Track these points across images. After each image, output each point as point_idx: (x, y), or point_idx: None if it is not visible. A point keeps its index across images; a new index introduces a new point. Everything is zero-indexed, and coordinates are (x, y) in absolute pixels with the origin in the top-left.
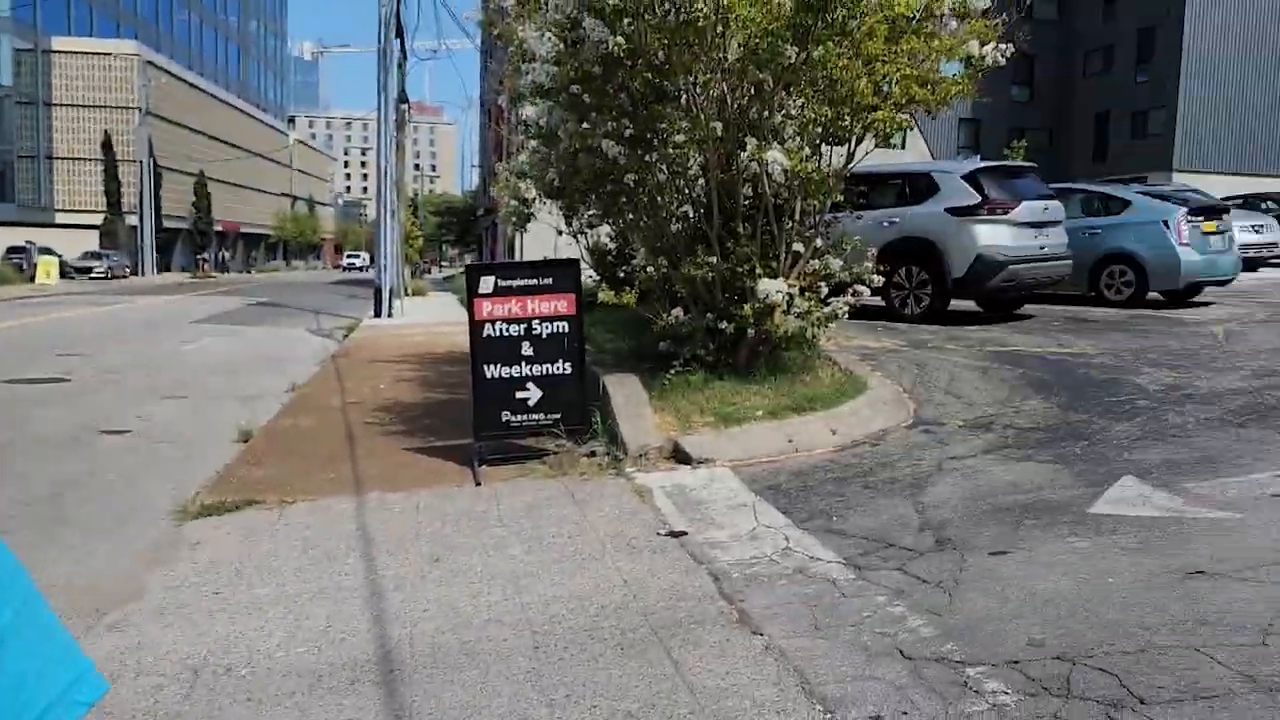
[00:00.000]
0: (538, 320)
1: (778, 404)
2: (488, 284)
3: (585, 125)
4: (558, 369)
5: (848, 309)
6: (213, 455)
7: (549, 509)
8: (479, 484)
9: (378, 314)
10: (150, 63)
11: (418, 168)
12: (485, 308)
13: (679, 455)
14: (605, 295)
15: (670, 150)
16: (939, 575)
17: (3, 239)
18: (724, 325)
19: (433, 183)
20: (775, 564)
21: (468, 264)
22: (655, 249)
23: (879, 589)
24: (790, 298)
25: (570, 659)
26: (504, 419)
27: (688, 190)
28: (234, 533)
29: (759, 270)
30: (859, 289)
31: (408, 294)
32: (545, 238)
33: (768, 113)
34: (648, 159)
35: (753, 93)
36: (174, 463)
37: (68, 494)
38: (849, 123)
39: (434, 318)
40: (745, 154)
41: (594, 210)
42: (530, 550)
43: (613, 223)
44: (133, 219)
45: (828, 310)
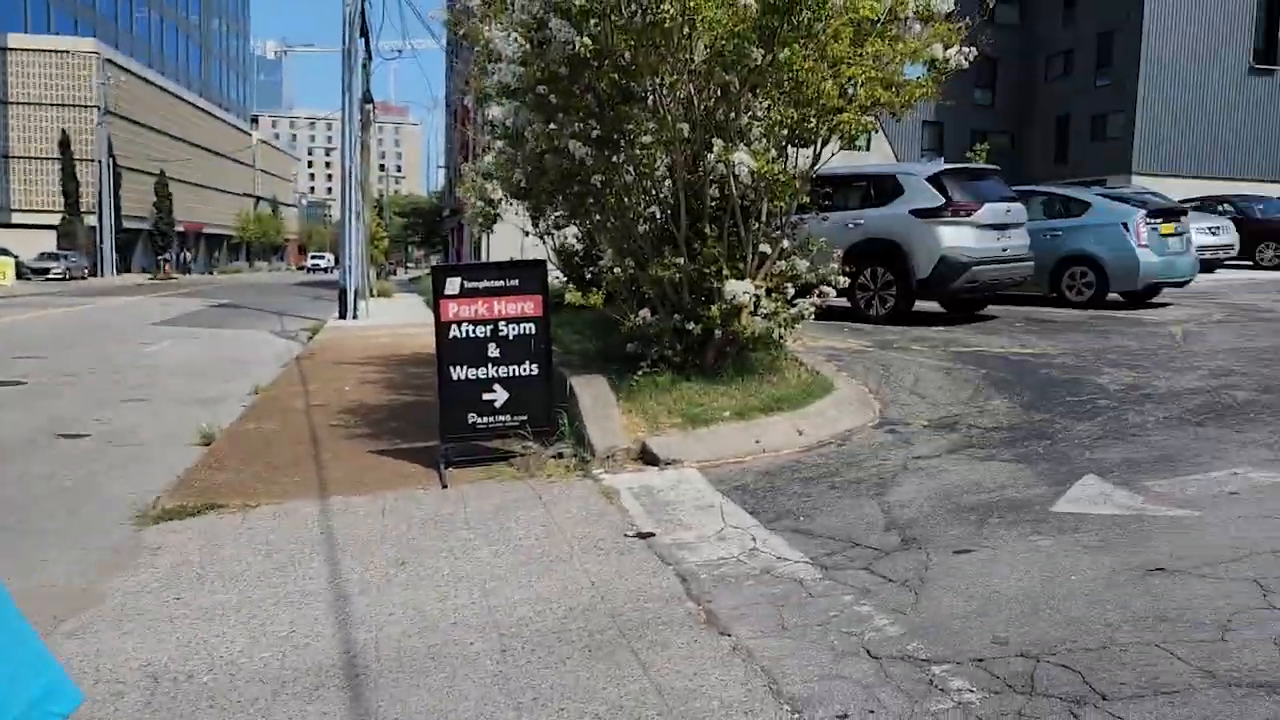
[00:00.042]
0: (504, 321)
1: (745, 405)
2: (454, 285)
3: (552, 126)
4: (524, 370)
5: (814, 310)
6: (174, 459)
7: (516, 511)
8: (445, 486)
9: (342, 315)
10: (110, 61)
11: (383, 168)
12: (451, 309)
13: (646, 456)
14: (572, 296)
15: (637, 151)
16: (904, 574)
17: None
18: (691, 326)
19: (398, 183)
20: (743, 564)
21: (433, 265)
22: (622, 250)
23: (846, 588)
24: (757, 299)
25: (538, 662)
26: (470, 421)
27: (655, 191)
28: (195, 537)
29: (726, 271)
30: (825, 290)
31: (373, 295)
32: (512, 239)
33: (734, 114)
34: (615, 160)
35: (719, 94)
36: (134, 467)
37: (23, 499)
38: (815, 124)
39: (400, 319)
40: (712, 155)
41: (561, 211)
42: (497, 553)
43: (579, 224)
44: (91, 219)
45: (794, 311)
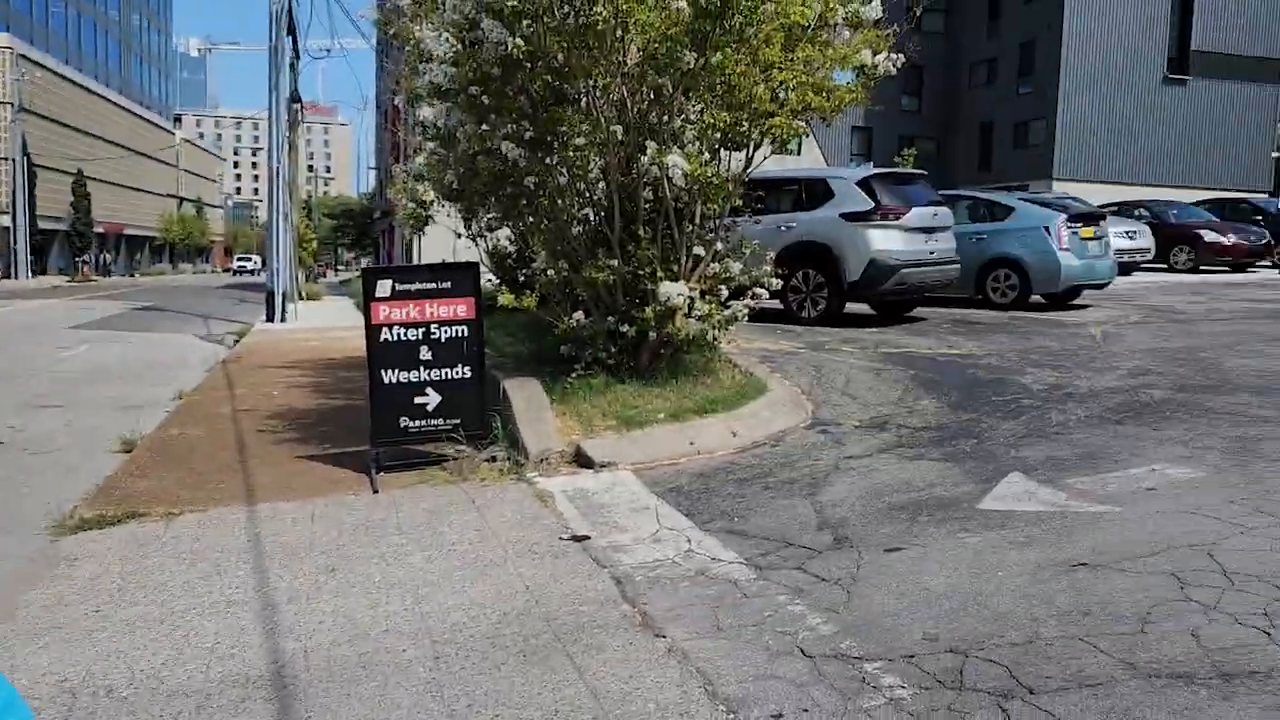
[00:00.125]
0: (436, 324)
1: (679, 406)
2: (385, 288)
3: (484, 127)
4: (457, 373)
5: (747, 312)
6: (93, 466)
7: (449, 515)
8: (377, 491)
9: (270, 319)
10: (24, 56)
11: (312, 169)
12: (382, 312)
13: (581, 459)
14: (505, 299)
15: (571, 153)
16: (837, 573)
17: None
18: (625, 328)
19: (327, 185)
20: (678, 566)
21: (364, 267)
22: (556, 252)
23: (779, 588)
24: (691, 301)
25: (472, 668)
26: (402, 425)
27: (589, 193)
28: (115, 547)
29: (660, 273)
30: (758, 292)
31: (302, 298)
32: (444, 241)
33: (667, 117)
34: (548, 162)
35: (653, 97)
36: (51, 475)
37: None
38: (747, 128)
39: (330, 322)
40: (646, 158)
41: (493, 213)
42: (430, 558)
43: (513, 226)
44: (4, 219)
45: (728, 313)
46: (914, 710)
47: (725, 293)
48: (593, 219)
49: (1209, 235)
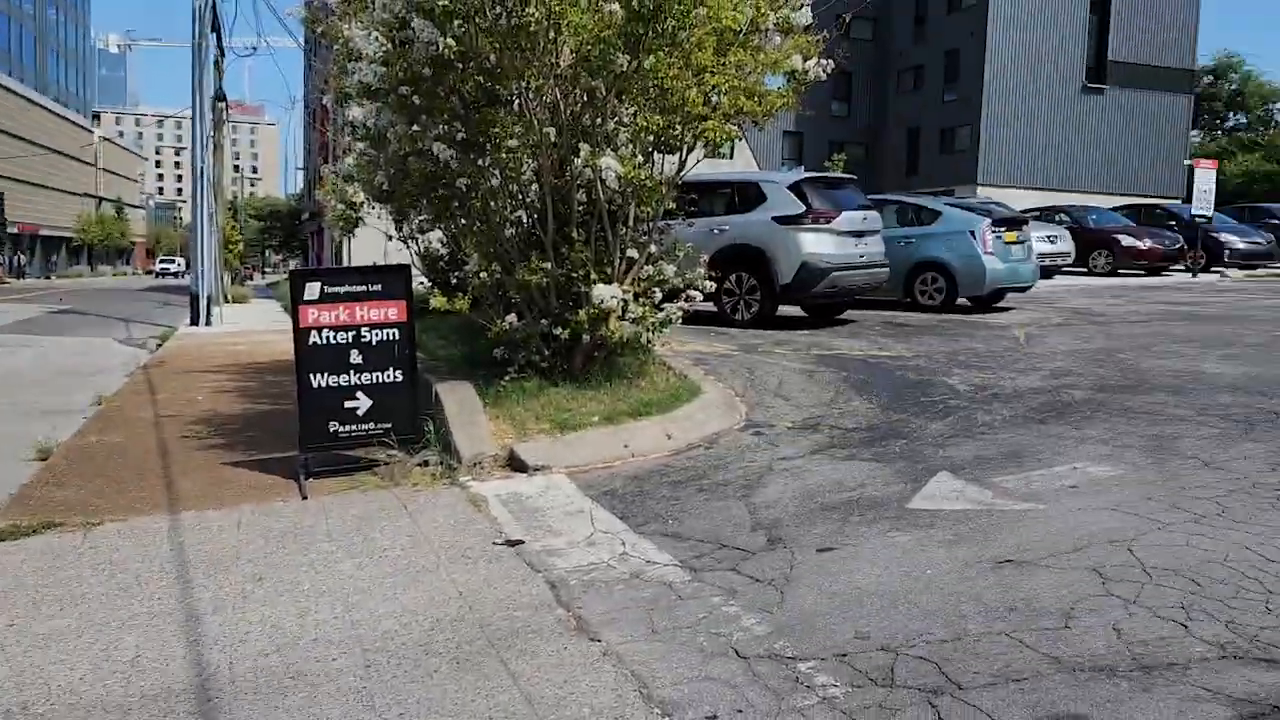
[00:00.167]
0: (367, 327)
1: (613, 409)
2: (314, 290)
3: (415, 128)
4: (388, 377)
5: (681, 314)
6: (5, 476)
7: (380, 521)
8: (305, 498)
9: (195, 322)
10: None
11: (238, 169)
12: (311, 314)
13: (515, 463)
14: (437, 301)
15: (503, 155)
16: (771, 574)
17: None
18: (559, 331)
19: (254, 185)
20: (612, 569)
21: (292, 269)
22: (489, 254)
23: (714, 590)
24: (625, 303)
25: (404, 676)
26: (332, 429)
27: (522, 195)
28: (30, 559)
29: (594, 276)
30: (692, 295)
31: (228, 301)
32: (375, 243)
33: (601, 120)
34: (480, 163)
35: (586, 99)
36: None
37: None
38: (680, 131)
39: (257, 325)
40: (579, 160)
41: (425, 215)
42: (361, 565)
43: (444, 228)
44: None
45: (662, 316)
46: (846, 709)
47: (659, 295)
48: (526, 221)
49: (1126, 240)
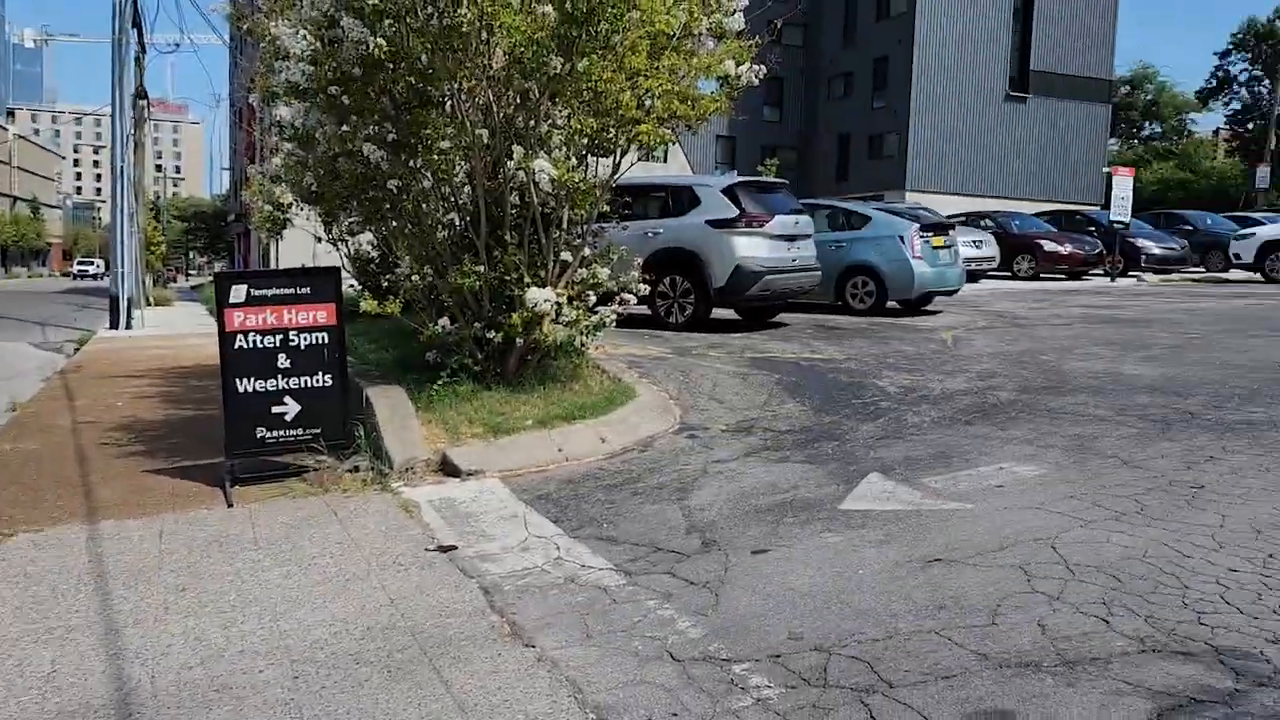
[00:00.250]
0: (295, 331)
1: (547, 413)
2: (239, 293)
3: (345, 128)
4: (318, 381)
5: (615, 317)
6: None
7: (309, 529)
8: (231, 505)
9: (115, 325)
10: None
11: (160, 168)
12: (237, 318)
13: (447, 468)
14: (368, 305)
15: (435, 156)
16: (705, 576)
17: None
18: (492, 334)
19: (178, 185)
20: (547, 574)
21: (217, 272)
22: (420, 257)
23: (649, 593)
24: (558, 306)
25: (333, 686)
26: (259, 435)
27: (454, 198)
28: None
29: (527, 279)
30: (626, 298)
31: (150, 304)
32: (303, 245)
33: (534, 122)
34: (412, 165)
35: (519, 101)
36: None
37: None
38: (614, 134)
39: (180, 329)
40: (512, 162)
41: (355, 217)
42: (289, 573)
43: (375, 230)
44: None
45: (595, 319)
46: (780, 709)
47: (593, 298)
48: (458, 224)
49: (1048, 245)
